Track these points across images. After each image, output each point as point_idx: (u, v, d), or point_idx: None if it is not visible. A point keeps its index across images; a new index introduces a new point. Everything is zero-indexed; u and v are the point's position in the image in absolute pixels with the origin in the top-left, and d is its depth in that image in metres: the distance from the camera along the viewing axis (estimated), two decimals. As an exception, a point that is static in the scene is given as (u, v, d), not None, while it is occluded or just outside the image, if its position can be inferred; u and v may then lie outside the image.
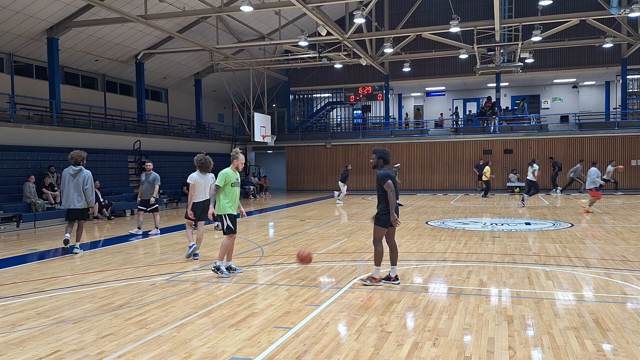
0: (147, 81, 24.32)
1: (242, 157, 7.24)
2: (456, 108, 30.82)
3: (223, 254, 7.05)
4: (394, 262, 6.50)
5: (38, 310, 5.59)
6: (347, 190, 20.77)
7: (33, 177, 14.73)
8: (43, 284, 6.87)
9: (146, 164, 12.01)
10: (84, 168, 9.11)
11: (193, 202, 8.30)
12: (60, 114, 18.24)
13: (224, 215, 6.98)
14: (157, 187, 11.60)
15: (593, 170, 14.77)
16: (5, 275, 7.53)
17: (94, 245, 10.65)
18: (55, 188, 15.35)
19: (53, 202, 14.93)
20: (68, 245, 9.10)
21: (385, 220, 6.31)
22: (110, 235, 12.06)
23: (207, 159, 8.32)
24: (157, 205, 11.84)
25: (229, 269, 7.17)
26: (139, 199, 11.87)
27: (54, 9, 17.00)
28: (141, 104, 23.12)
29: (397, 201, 6.45)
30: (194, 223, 8.51)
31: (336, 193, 21.34)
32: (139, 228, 11.73)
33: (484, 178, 21.65)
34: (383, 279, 6.47)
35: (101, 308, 5.63)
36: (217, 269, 7.04)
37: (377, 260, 6.43)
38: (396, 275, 6.50)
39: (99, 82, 22.87)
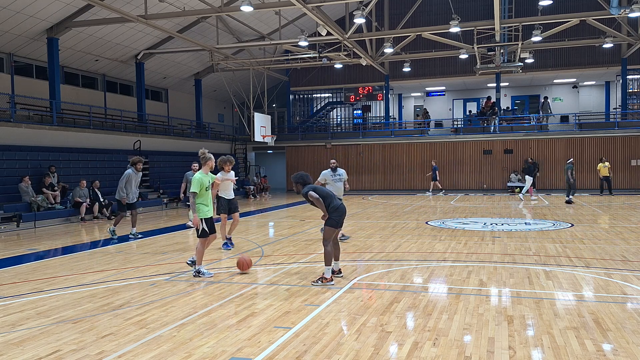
0: (147, 81, 24.32)
1: (212, 157, 7.41)
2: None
3: (201, 258, 7.10)
4: (336, 258, 6.91)
5: (38, 310, 5.59)
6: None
7: (27, 177, 14.64)
8: (43, 284, 6.87)
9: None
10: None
11: (222, 198, 9.02)
12: (60, 114, 18.25)
13: (202, 219, 7.01)
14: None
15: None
16: (5, 275, 7.53)
17: (93, 245, 10.65)
18: (56, 188, 15.35)
19: (53, 202, 14.93)
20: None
21: (335, 220, 6.59)
22: (111, 235, 12.04)
23: (230, 158, 8.86)
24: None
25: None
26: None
27: (54, 9, 17.00)
28: (141, 104, 23.12)
29: (340, 197, 7.42)
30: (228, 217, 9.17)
31: None
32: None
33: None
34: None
35: (101, 308, 5.63)
36: (198, 273, 7.03)
37: (327, 261, 6.58)
38: (340, 269, 6.96)
39: (99, 82, 22.87)
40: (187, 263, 7.50)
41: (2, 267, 8.14)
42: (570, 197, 18.13)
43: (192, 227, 8.84)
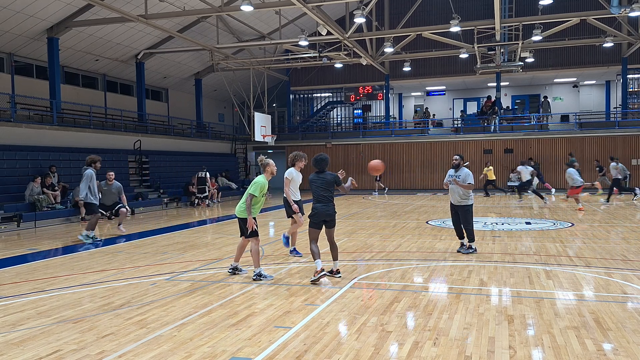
0: (148, 81, 24.31)
1: (271, 162, 7.09)
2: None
3: (258, 260, 6.86)
4: (334, 257, 6.96)
5: (38, 310, 5.59)
6: None
7: (39, 177, 14.77)
8: (43, 284, 6.87)
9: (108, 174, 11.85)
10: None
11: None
12: (61, 114, 18.24)
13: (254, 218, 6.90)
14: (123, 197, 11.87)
15: (571, 170, 15.54)
16: (6, 275, 7.53)
17: (94, 244, 10.65)
18: (56, 188, 15.36)
19: (53, 202, 14.93)
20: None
21: (312, 222, 6.86)
22: (111, 234, 12.05)
23: (305, 154, 8.39)
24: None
25: (236, 268, 7.17)
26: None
27: (54, 8, 16.99)
28: (141, 104, 23.12)
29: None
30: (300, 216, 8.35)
31: None
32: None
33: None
34: (327, 272, 6.77)
35: (101, 308, 5.63)
36: (259, 276, 6.76)
37: (314, 257, 6.78)
38: (337, 269, 6.92)
39: (99, 82, 22.87)
40: (229, 272, 7.17)
41: (2, 267, 8.14)
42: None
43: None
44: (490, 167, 22.23)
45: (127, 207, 12.03)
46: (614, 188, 18.07)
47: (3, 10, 15.97)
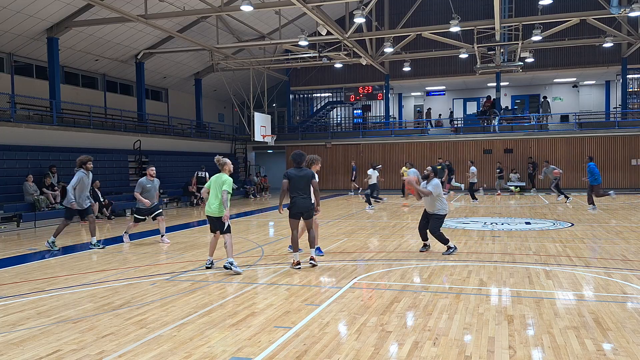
0: (147, 81, 24.31)
1: (228, 161, 7.55)
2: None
3: (232, 250, 7.45)
4: (312, 245, 7.68)
5: (38, 310, 5.59)
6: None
7: (31, 176, 14.71)
8: (43, 284, 6.87)
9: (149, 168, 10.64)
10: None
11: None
12: (61, 114, 18.24)
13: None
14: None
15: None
16: (6, 275, 7.53)
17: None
18: (56, 188, 15.35)
19: (53, 202, 14.93)
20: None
21: (292, 213, 7.52)
22: (111, 235, 12.05)
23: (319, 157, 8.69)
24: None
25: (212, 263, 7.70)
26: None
27: (54, 8, 16.99)
28: (141, 104, 23.11)
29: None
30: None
31: None
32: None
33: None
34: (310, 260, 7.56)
35: (101, 308, 5.63)
36: (231, 265, 7.25)
37: (294, 247, 7.62)
38: (312, 257, 7.59)
39: (99, 82, 22.87)
40: (207, 267, 7.61)
41: (2, 267, 8.15)
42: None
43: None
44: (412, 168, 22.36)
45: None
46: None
47: (3, 10, 15.97)
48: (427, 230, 8.62)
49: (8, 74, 18.39)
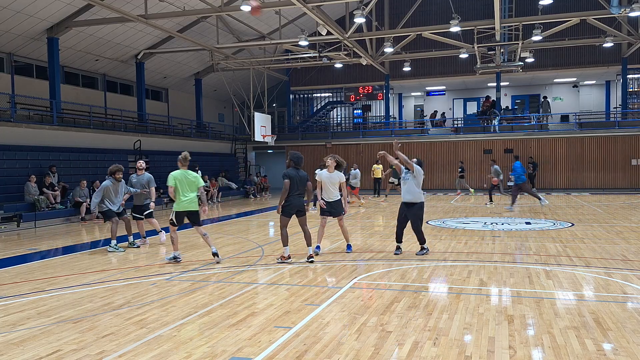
0: (148, 81, 24.31)
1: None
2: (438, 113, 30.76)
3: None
4: (308, 243, 7.94)
5: (38, 310, 5.59)
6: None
7: (34, 176, 14.75)
8: (43, 284, 6.87)
9: (138, 162, 10.43)
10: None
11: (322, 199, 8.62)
12: (61, 114, 18.24)
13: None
14: (153, 189, 10.17)
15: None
16: (6, 275, 7.53)
17: (94, 245, 10.65)
18: (56, 188, 15.36)
19: (53, 202, 14.93)
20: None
21: (286, 211, 7.77)
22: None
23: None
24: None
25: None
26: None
27: (54, 8, 16.99)
28: (141, 104, 23.11)
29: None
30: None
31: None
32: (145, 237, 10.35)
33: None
34: (307, 258, 7.84)
35: (101, 308, 5.63)
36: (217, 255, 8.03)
37: (283, 242, 7.86)
38: (310, 255, 7.86)
39: (99, 82, 22.87)
40: (176, 260, 8.21)
41: (2, 267, 8.15)
42: None
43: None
44: (381, 166, 22.25)
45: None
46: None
47: (3, 10, 15.97)
48: (403, 230, 8.34)
49: (8, 74, 18.39)
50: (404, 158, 8.17)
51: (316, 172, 9.05)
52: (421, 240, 8.40)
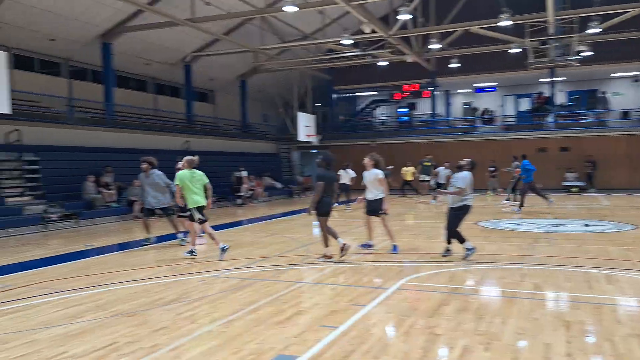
0: (195, 83, 24.97)
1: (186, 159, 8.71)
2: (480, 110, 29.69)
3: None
4: (334, 236, 8.02)
5: (97, 303, 5.84)
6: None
7: (92, 176, 15.50)
8: (100, 279, 7.18)
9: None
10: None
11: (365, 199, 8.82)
12: (114, 116, 19.06)
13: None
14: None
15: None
16: (65, 270, 7.93)
17: (146, 241, 11.01)
18: (111, 187, 16.05)
19: (108, 200, 15.60)
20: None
21: (326, 211, 7.84)
22: (162, 232, 12.43)
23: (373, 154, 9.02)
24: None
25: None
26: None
27: (107, 15, 17.76)
28: (189, 106, 23.78)
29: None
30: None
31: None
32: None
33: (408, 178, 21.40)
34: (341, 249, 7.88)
35: (153, 303, 5.81)
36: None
37: (325, 242, 7.97)
38: (344, 244, 7.94)
39: (149, 85, 23.71)
40: (193, 255, 8.53)
41: (62, 262, 8.58)
42: None
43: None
44: (412, 168, 21.61)
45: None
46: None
47: (60, 18, 16.84)
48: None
49: (65, 78, 19.39)
50: (449, 193, 8.12)
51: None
52: (460, 240, 7.95)
